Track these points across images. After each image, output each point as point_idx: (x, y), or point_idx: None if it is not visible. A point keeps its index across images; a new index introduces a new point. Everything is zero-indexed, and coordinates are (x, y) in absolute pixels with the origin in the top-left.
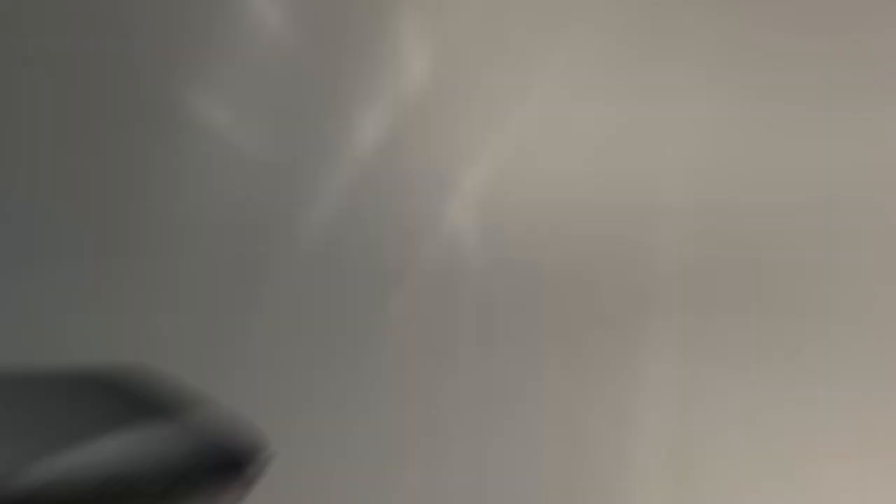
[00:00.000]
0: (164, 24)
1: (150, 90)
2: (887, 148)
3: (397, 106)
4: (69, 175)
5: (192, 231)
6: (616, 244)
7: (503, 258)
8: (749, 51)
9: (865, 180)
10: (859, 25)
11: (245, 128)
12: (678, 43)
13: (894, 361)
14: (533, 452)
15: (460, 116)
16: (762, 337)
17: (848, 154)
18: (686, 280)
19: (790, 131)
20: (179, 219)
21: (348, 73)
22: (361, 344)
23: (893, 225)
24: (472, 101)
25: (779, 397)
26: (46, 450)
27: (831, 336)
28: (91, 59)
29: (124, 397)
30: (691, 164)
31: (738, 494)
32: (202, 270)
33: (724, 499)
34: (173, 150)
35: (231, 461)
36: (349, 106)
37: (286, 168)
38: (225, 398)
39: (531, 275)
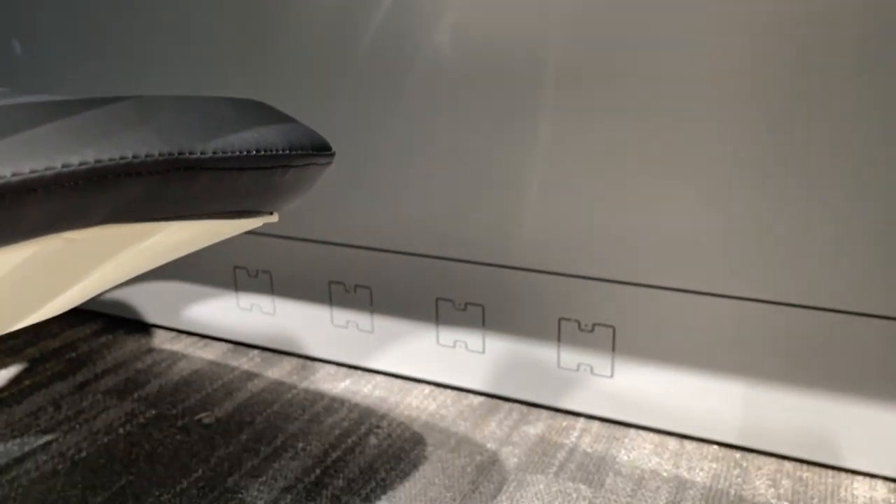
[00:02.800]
0: None
1: None
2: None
3: None
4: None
5: (304, 41)
6: (524, 56)
7: (461, 58)
8: None
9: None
10: None
11: None
12: None
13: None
14: (475, 165)
15: None
16: (608, 113)
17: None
18: (565, 78)
19: None
20: (303, 38)
21: None
22: (391, 98)
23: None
24: None
25: (614, 147)
26: (217, 132)
27: (651, 123)
28: None
29: (256, 109)
30: (567, 18)
31: (583, 203)
32: (314, 60)
33: (575, 208)
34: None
35: (323, 145)
36: None
37: (351, 9)
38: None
39: (476, 68)
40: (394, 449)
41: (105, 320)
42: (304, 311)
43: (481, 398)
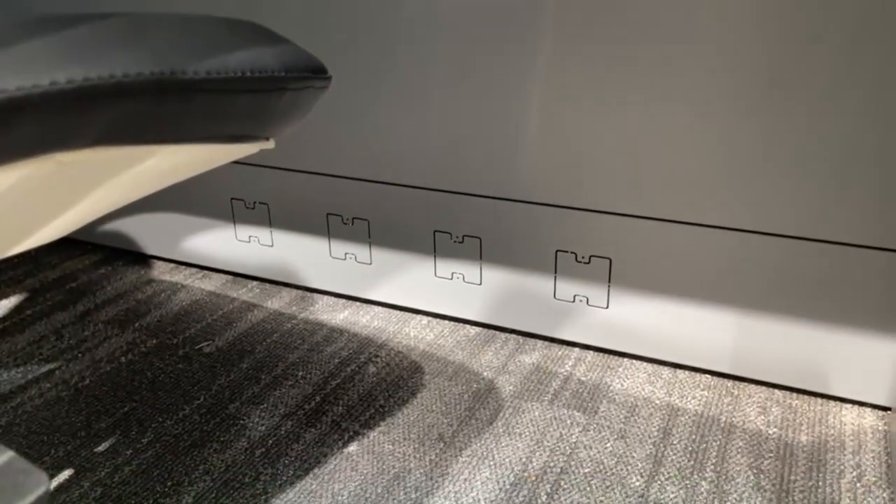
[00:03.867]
0: None
1: None
2: None
3: None
4: None
5: None
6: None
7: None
8: None
9: None
10: None
11: None
12: None
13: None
14: (473, 97)
15: None
16: (606, 45)
17: None
18: (564, 8)
19: None
20: None
21: None
22: (390, 27)
23: None
24: None
25: (611, 80)
26: (211, 53)
27: (647, 57)
28: None
29: (253, 30)
30: None
31: (581, 136)
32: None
33: (573, 141)
34: None
35: (319, 68)
36: None
37: None
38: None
39: (479, 15)
40: (392, 377)
41: (104, 252)
42: (303, 243)
43: (478, 328)
